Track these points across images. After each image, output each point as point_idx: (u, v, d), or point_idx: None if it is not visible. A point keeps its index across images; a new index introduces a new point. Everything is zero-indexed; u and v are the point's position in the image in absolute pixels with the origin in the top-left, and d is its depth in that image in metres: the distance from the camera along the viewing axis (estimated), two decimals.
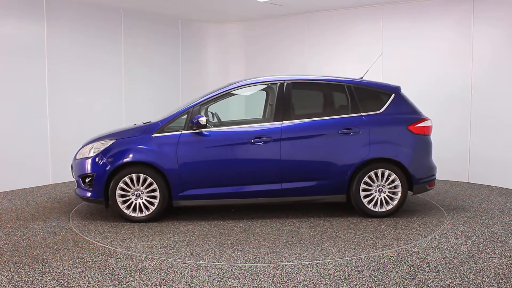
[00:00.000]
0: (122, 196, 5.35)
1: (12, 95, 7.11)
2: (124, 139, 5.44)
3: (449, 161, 7.56)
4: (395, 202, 5.48)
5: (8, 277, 3.77)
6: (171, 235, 4.94)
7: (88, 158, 5.46)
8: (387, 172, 5.45)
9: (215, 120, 6.10)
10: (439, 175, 6.39)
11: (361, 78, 5.94)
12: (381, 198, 5.48)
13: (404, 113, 5.61)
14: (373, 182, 5.46)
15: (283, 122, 5.45)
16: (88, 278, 3.74)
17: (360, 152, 5.41)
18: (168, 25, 9.43)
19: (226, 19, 9.92)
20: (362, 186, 5.45)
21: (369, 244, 4.55)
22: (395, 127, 5.54)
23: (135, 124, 5.94)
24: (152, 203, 5.37)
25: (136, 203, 5.37)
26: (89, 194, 5.42)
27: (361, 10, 8.42)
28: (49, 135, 7.59)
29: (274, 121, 5.48)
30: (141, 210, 5.38)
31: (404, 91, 5.85)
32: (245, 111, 9.33)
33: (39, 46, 7.40)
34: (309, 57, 9.07)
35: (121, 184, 5.32)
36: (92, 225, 5.30)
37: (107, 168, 5.31)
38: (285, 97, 5.55)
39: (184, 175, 5.33)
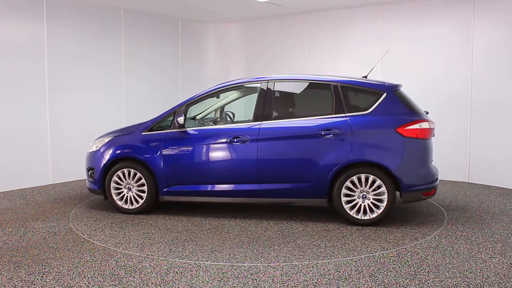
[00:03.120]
0: (117, 189, 5.77)
1: (12, 95, 7.12)
2: (119, 137, 5.91)
3: (449, 161, 7.56)
4: (380, 210, 5.07)
5: (8, 277, 3.77)
6: (140, 227, 5.24)
7: (91, 152, 6.01)
8: (371, 177, 5.05)
9: (228, 120, 6.27)
10: (439, 175, 6.06)
11: (365, 77, 5.73)
12: (364, 205, 5.10)
13: (394, 114, 5.14)
14: (356, 188, 5.11)
15: (262, 122, 5.39)
16: (88, 278, 3.74)
17: (340, 154, 5.10)
18: (168, 25, 9.44)
19: (226, 19, 9.92)
20: (344, 191, 5.12)
21: (315, 252, 4.33)
22: (382, 129, 5.11)
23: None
24: (141, 197, 5.71)
25: (127, 196, 5.75)
26: (96, 187, 5.87)
27: (361, 10, 8.42)
28: (49, 135, 7.59)
29: (254, 121, 5.44)
30: (132, 203, 5.74)
31: (404, 91, 5.68)
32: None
33: (39, 46, 7.40)
34: (309, 57, 9.07)
35: (115, 178, 5.74)
36: (91, 225, 5.30)
37: (103, 163, 5.78)
38: (266, 97, 5.48)
39: (168, 171, 5.58)
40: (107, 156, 5.78)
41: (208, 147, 5.51)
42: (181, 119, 5.50)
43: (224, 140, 5.43)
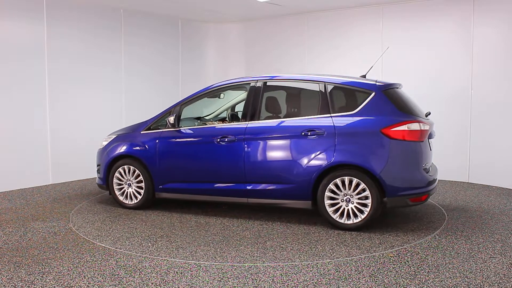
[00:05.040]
0: (119, 184, 6.05)
1: (12, 95, 7.11)
2: (122, 135, 6.16)
3: (449, 161, 7.56)
4: (364, 215, 4.85)
5: (8, 277, 3.77)
6: (129, 222, 5.46)
7: (99, 150, 6.37)
8: (355, 180, 4.85)
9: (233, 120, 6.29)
10: (439, 175, 5.95)
11: (364, 76, 5.66)
12: (348, 209, 4.92)
13: (381, 115, 4.89)
14: (340, 191, 4.93)
15: (249, 122, 5.39)
16: (88, 278, 3.74)
17: (323, 156, 4.95)
18: (168, 25, 9.44)
19: (226, 19, 9.92)
20: (328, 194, 4.96)
21: (275, 254, 4.26)
22: (367, 130, 4.87)
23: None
24: (140, 193, 5.93)
25: (127, 192, 6.01)
26: (102, 182, 6.20)
27: (361, 10, 8.42)
28: (49, 135, 7.59)
29: (242, 121, 5.46)
30: (131, 198, 5.99)
31: (401, 91, 5.50)
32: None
33: (39, 46, 7.40)
34: (309, 57, 9.07)
35: (116, 174, 6.02)
36: (92, 225, 5.30)
37: (107, 160, 6.07)
38: (254, 97, 5.46)
39: (162, 169, 5.76)
40: (110, 153, 6.06)
41: (198, 146, 5.61)
42: (171, 119, 5.66)
43: (213, 139, 5.48)
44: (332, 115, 5.07)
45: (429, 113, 5.48)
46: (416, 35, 7.87)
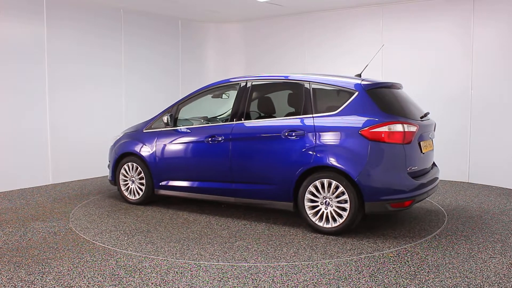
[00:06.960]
0: (124, 181, 6.32)
1: (12, 95, 7.11)
2: (128, 133, 6.44)
3: (449, 161, 7.56)
4: (343, 219, 4.68)
5: (8, 277, 3.77)
6: (123, 217, 5.64)
7: (110, 147, 6.65)
8: (334, 183, 4.69)
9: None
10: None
11: (359, 75, 5.50)
12: (327, 212, 4.77)
13: (363, 115, 4.68)
14: (320, 193, 4.80)
15: (236, 122, 5.41)
16: (88, 278, 3.74)
17: (303, 157, 4.84)
18: (168, 25, 9.44)
19: (226, 19, 9.92)
20: (308, 196, 4.83)
21: (234, 255, 4.24)
22: (346, 131, 4.69)
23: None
24: (142, 190, 6.15)
25: (131, 188, 6.24)
26: (111, 178, 6.50)
27: (361, 10, 8.42)
28: (49, 135, 7.59)
29: (230, 121, 5.49)
30: (135, 194, 6.22)
31: (404, 91, 5.53)
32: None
33: (39, 46, 7.40)
34: (309, 56, 9.07)
35: (122, 171, 6.30)
36: (92, 225, 5.30)
37: (115, 157, 6.38)
38: (242, 97, 5.48)
39: (160, 167, 5.95)
40: (117, 151, 6.36)
41: (189, 145, 5.77)
42: (165, 118, 5.88)
43: (203, 138, 5.60)
44: (314, 115, 4.95)
45: (427, 113, 5.36)
46: (416, 35, 7.87)
